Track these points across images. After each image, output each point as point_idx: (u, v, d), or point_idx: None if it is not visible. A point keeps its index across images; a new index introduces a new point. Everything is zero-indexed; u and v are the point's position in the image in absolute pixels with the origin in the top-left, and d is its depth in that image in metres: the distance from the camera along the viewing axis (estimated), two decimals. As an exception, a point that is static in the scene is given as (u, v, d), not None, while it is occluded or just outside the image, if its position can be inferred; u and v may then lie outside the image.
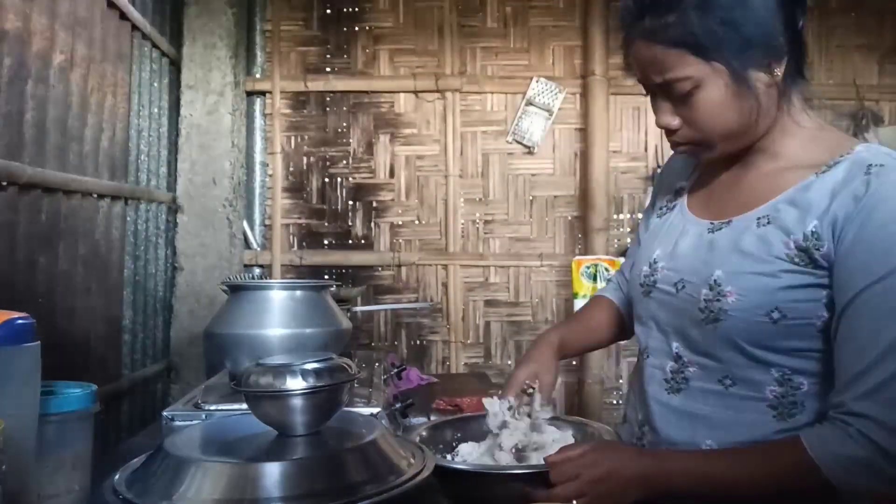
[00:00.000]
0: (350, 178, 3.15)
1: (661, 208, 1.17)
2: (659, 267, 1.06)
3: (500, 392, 1.18)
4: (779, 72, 0.93)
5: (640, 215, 3.12)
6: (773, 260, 0.91)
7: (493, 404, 1.13)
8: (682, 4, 0.89)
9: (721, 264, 0.95)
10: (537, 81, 3.11)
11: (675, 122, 0.96)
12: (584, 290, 2.83)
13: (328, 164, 3.15)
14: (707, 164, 1.09)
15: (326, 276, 3.08)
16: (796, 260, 0.89)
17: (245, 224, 3.03)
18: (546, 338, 1.24)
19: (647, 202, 1.28)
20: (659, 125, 0.98)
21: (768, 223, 0.93)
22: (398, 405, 1.40)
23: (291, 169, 3.15)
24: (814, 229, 0.88)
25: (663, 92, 0.95)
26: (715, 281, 0.94)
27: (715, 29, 0.88)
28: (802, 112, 0.99)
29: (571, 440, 1.13)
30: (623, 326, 1.29)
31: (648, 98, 1.00)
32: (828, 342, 0.90)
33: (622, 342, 1.36)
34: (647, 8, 0.91)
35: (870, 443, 0.81)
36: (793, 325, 0.90)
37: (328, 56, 3.16)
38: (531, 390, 1.15)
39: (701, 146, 0.98)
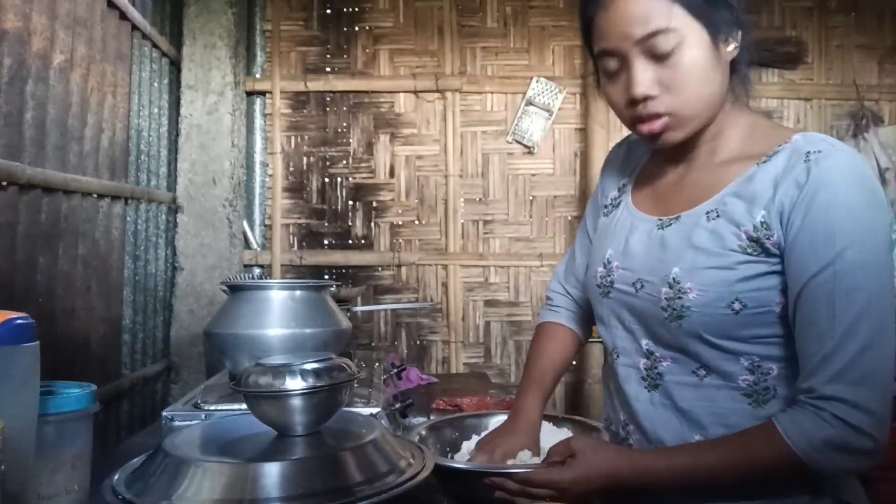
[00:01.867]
0: (350, 178, 3.16)
1: (605, 206, 1.17)
2: (614, 266, 1.07)
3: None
4: (735, 46, 0.95)
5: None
6: (728, 252, 0.93)
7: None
8: None
9: (677, 261, 0.97)
10: (537, 81, 3.11)
11: (654, 89, 0.93)
12: (584, 290, 2.83)
13: (328, 164, 3.15)
14: (651, 159, 1.11)
15: (326, 276, 3.08)
16: (749, 250, 0.92)
17: (245, 224, 3.03)
18: (524, 416, 1.16)
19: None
20: (636, 94, 0.94)
21: (717, 216, 0.95)
22: (398, 405, 1.40)
23: (291, 169, 3.15)
24: (763, 219, 0.91)
25: (645, 53, 0.93)
26: (674, 279, 0.96)
27: None
28: (745, 106, 1.02)
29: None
30: (578, 344, 1.28)
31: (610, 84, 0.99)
32: (788, 327, 0.92)
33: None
34: None
35: (843, 424, 0.84)
36: (753, 313, 0.92)
37: (328, 56, 3.16)
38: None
39: (675, 118, 0.95)
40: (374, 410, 1.21)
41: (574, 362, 3.08)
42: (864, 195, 0.88)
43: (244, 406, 0.92)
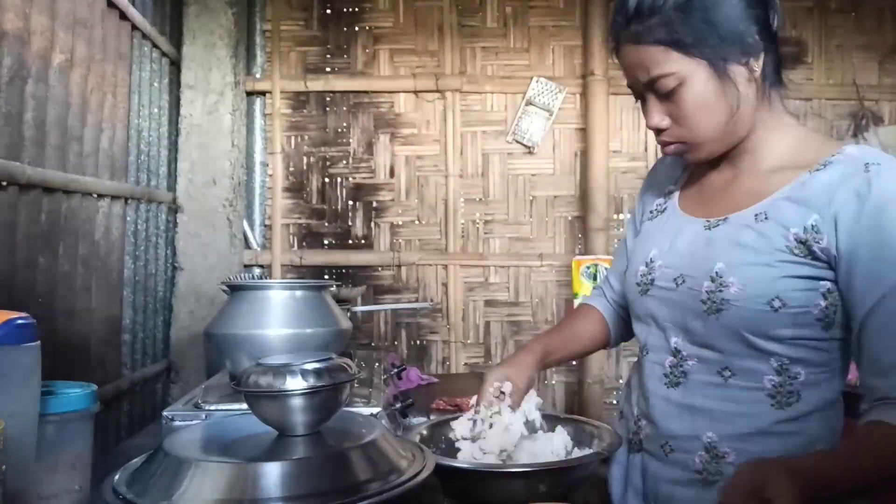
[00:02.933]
0: (350, 178, 3.15)
1: (651, 212, 1.20)
2: (657, 265, 1.09)
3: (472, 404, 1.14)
4: (756, 67, 0.98)
5: (640, 215, 3.12)
6: (773, 251, 0.95)
7: (459, 425, 1.13)
8: (663, 8, 0.96)
9: (722, 257, 0.99)
10: (537, 81, 3.11)
11: (664, 121, 1.01)
12: (584, 290, 2.83)
13: (328, 164, 3.15)
14: (696, 167, 1.13)
15: (326, 276, 3.08)
16: (795, 251, 0.94)
17: (245, 224, 3.03)
18: (528, 345, 1.23)
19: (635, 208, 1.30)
20: (649, 126, 1.03)
21: (766, 219, 0.97)
22: (398, 405, 1.40)
23: (291, 169, 3.15)
24: (814, 223, 0.92)
25: (651, 92, 1.01)
26: (717, 273, 0.98)
27: (695, 26, 0.96)
28: (785, 114, 1.05)
29: (564, 435, 1.14)
30: (607, 336, 1.30)
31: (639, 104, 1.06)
32: (826, 331, 0.95)
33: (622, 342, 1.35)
34: (633, 16, 0.98)
35: None
36: (792, 312, 0.94)
37: (328, 56, 3.16)
38: (501, 394, 1.11)
39: (689, 145, 1.02)
40: (375, 410, 1.21)
41: (574, 362, 3.09)
42: None
43: (244, 406, 0.92)
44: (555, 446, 1.11)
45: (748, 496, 0.81)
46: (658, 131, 1.03)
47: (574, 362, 3.10)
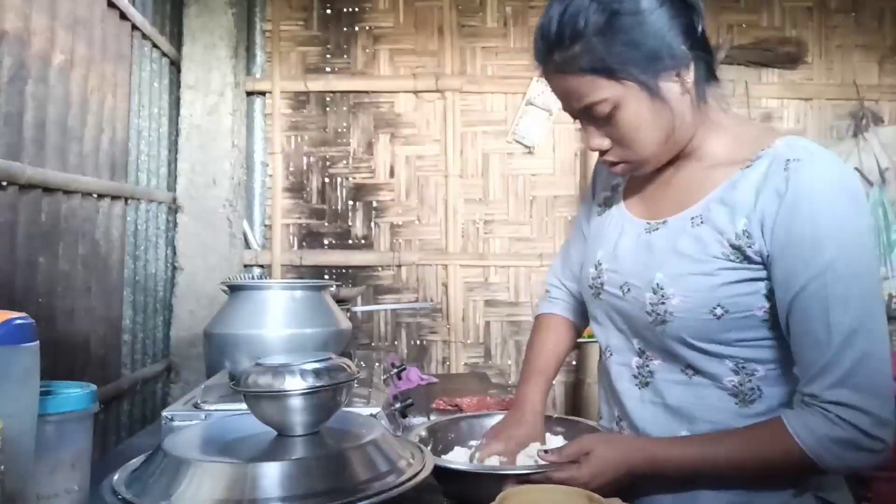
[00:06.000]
0: (350, 178, 3.16)
1: (599, 205, 1.19)
2: (603, 269, 1.09)
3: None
4: (688, 78, 0.95)
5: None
6: (710, 259, 0.94)
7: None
8: (584, 34, 0.92)
9: (661, 266, 0.99)
10: (537, 81, 3.11)
11: (605, 143, 1.00)
12: (584, 290, 2.83)
13: (328, 164, 3.15)
14: None
15: (326, 276, 3.08)
16: (731, 257, 0.93)
17: (245, 224, 3.03)
18: (530, 406, 1.18)
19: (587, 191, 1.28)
20: (591, 148, 1.02)
21: (702, 223, 0.97)
22: (398, 405, 1.40)
23: (291, 169, 3.15)
24: (744, 228, 0.92)
25: (587, 117, 0.98)
26: (658, 284, 0.98)
27: (619, 50, 0.91)
28: (720, 111, 1.02)
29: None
30: (574, 332, 1.30)
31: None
32: (773, 330, 0.95)
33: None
34: (553, 44, 0.95)
35: (851, 426, 0.86)
36: (735, 318, 0.94)
37: (328, 56, 3.16)
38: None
39: (634, 162, 1.01)
40: (374, 410, 1.21)
41: (574, 362, 3.10)
42: (845, 202, 0.89)
43: (244, 406, 0.92)
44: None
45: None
46: (601, 152, 1.02)
47: (574, 362, 3.11)
